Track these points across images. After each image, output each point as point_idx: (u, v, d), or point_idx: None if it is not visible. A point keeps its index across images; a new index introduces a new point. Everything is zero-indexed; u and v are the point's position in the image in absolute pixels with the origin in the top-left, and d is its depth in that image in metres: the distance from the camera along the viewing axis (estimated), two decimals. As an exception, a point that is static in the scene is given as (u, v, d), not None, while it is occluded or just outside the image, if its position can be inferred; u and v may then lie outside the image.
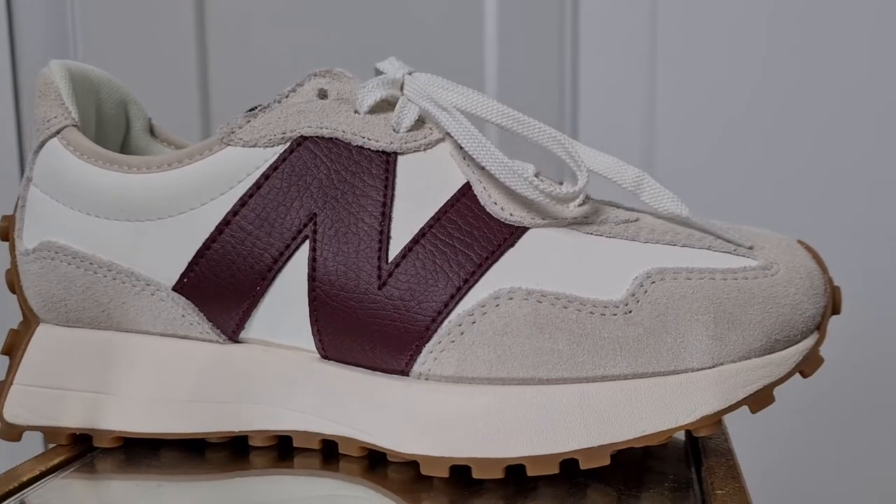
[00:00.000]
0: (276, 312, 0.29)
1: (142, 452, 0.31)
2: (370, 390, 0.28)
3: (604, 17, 0.60)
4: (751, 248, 0.28)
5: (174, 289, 0.30)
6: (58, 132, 0.31)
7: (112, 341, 0.31)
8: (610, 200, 0.31)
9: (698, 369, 0.26)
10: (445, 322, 0.27)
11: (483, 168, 0.30)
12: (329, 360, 0.29)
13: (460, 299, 0.27)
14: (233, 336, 0.30)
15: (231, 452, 0.31)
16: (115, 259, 0.30)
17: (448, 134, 0.30)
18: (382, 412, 0.28)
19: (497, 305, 0.27)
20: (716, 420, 0.26)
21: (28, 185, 0.32)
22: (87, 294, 0.30)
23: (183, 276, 0.29)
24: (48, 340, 0.31)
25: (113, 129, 0.34)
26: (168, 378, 0.30)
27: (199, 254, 0.29)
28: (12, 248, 0.32)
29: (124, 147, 0.35)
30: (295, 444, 0.30)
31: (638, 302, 0.27)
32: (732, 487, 0.26)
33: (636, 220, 0.29)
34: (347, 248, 0.28)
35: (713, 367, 0.27)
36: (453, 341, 0.27)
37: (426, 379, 0.28)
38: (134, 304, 0.30)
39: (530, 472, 0.26)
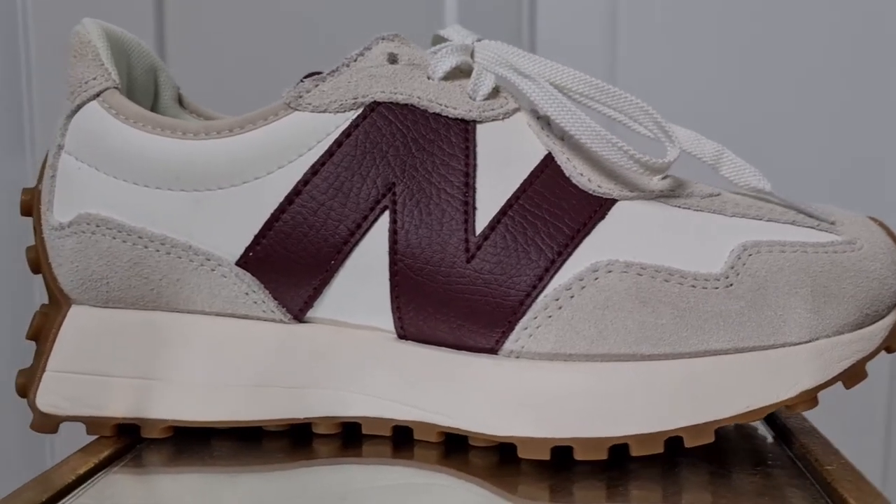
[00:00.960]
0: (352, 288, 0.27)
1: (192, 443, 0.28)
2: (454, 371, 0.27)
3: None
4: (833, 223, 0.28)
5: (238, 264, 0.27)
6: (97, 95, 0.28)
7: (161, 322, 0.28)
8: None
9: (796, 343, 0.26)
10: (541, 297, 0.26)
11: (563, 139, 0.28)
12: (407, 339, 0.27)
13: (555, 273, 0.26)
14: (299, 315, 0.28)
15: (291, 441, 0.28)
16: (169, 232, 0.28)
17: (522, 103, 0.29)
18: (470, 393, 0.26)
19: (596, 279, 0.26)
20: (813, 396, 0.26)
21: (59, 154, 0.29)
22: (135, 271, 0.28)
23: (248, 249, 0.27)
24: (86, 322, 0.28)
25: (142, 97, 0.32)
26: (227, 361, 0.28)
27: (267, 226, 0.27)
28: (38, 224, 0.30)
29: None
30: (364, 431, 0.28)
31: (738, 275, 0.26)
32: (839, 463, 0.25)
33: (718, 194, 0.28)
34: (431, 220, 0.27)
35: (810, 341, 0.26)
36: (550, 316, 0.26)
37: (517, 357, 0.26)
38: (189, 282, 0.28)
39: (635, 452, 0.25)
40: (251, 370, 0.28)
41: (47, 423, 0.28)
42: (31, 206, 0.30)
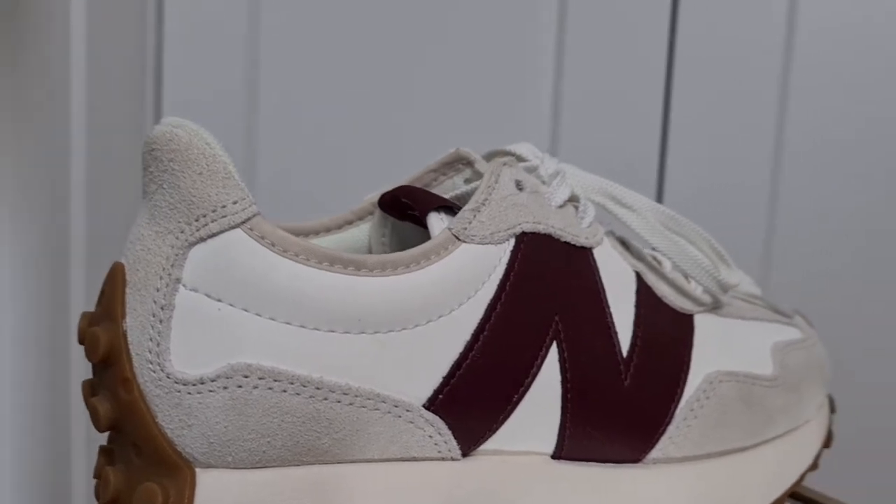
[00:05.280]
0: (527, 419, 0.28)
1: None
2: (605, 483, 0.29)
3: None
4: (792, 317, 0.37)
5: (425, 406, 0.26)
6: (243, 222, 0.25)
7: (334, 477, 0.25)
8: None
9: (810, 420, 0.34)
10: (679, 409, 0.30)
11: (640, 260, 0.32)
12: (561, 459, 0.29)
13: (684, 386, 0.30)
14: (468, 451, 0.28)
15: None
16: (352, 380, 0.25)
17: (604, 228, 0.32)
18: (620, 501, 0.29)
19: (714, 389, 0.31)
20: (819, 456, 0.34)
21: (176, 289, 0.24)
22: (308, 426, 0.25)
23: (437, 392, 0.26)
24: (241, 490, 0.24)
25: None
26: (408, 509, 0.26)
27: (456, 365, 0.26)
28: (131, 375, 0.24)
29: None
30: (513, 552, 0.29)
31: (787, 374, 0.33)
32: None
33: (731, 303, 0.35)
34: (590, 346, 0.29)
35: (816, 414, 0.34)
36: (689, 426, 0.30)
37: (655, 462, 0.30)
38: (369, 431, 0.26)
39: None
40: (430, 514, 0.27)
41: None
42: (113, 351, 0.24)
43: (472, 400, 0.27)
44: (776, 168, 0.60)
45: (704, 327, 0.32)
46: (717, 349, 0.32)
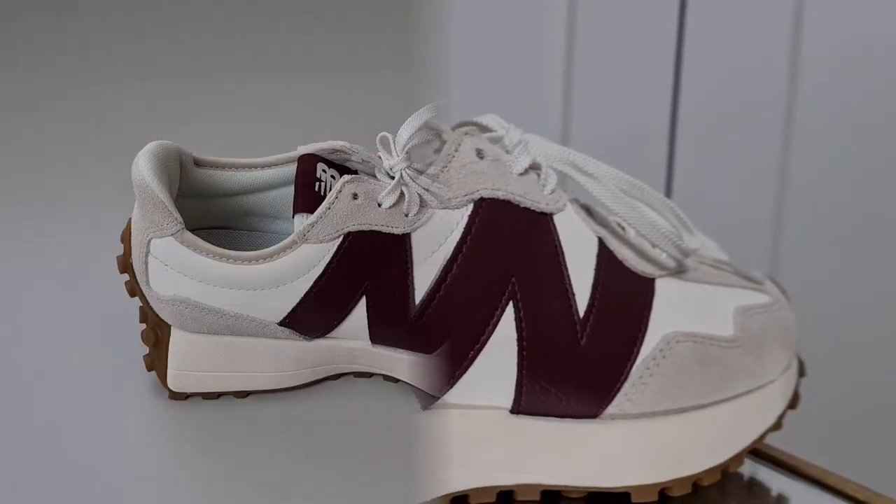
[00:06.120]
0: (484, 375, 0.29)
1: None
2: (563, 436, 0.31)
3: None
4: (761, 283, 0.37)
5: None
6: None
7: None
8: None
9: (774, 380, 0.35)
10: (634, 368, 0.31)
11: (603, 226, 0.34)
12: (520, 413, 0.30)
13: (641, 346, 0.31)
14: (426, 404, 0.29)
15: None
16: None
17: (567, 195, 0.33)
18: (579, 453, 0.31)
19: (671, 349, 0.32)
20: (782, 417, 0.35)
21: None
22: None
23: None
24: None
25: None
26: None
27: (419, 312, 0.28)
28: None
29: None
30: (472, 502, 0.30)
31: (747, 335, 0.34)
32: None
33: (697, 268, 0.36)
34: (545, 306, 0.30)
35: (780, 376, 0.35)
36: (645, 384, 0.31)
37: (612, 419, 0.31)
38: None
39: (706, 482, 0.32)
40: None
41: None
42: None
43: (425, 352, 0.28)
44: (785, 157, 0.60)
45: (666, 290, 0.33)
46: (677, 311, 0.33)
